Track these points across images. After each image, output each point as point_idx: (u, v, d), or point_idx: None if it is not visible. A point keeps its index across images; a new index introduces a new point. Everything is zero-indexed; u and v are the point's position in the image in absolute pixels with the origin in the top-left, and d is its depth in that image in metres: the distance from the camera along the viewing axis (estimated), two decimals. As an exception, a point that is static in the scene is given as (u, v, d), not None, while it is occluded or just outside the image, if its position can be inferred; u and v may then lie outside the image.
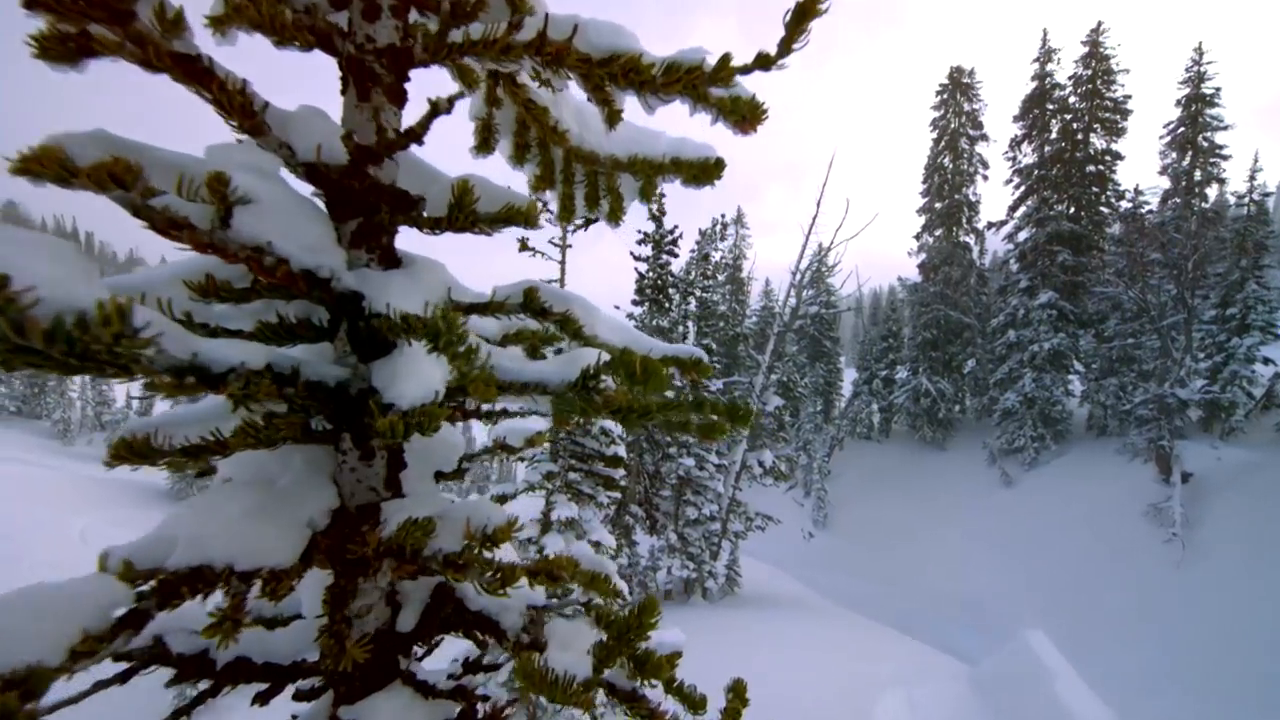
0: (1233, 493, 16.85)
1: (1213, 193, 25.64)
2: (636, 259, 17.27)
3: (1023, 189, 28.18)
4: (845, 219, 20.32)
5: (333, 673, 1.19)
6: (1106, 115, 26.74)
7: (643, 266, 17.29)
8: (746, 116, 1.31)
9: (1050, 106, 27.42)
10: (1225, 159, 24.89)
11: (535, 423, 2.05)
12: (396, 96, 1.19)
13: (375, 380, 1.08)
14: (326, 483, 1.17)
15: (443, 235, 1.15)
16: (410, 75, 1.19)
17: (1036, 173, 27.58)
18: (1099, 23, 26.75)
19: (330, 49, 1.15)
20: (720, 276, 30.43)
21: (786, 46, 1.08)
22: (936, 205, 31.36)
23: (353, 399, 1.12)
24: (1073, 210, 27.17)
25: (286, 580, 0.99)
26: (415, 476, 1.33)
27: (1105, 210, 27.07)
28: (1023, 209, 28.18)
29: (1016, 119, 28.45)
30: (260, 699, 1.24)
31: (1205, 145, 24.89)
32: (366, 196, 1.11)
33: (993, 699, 9.37)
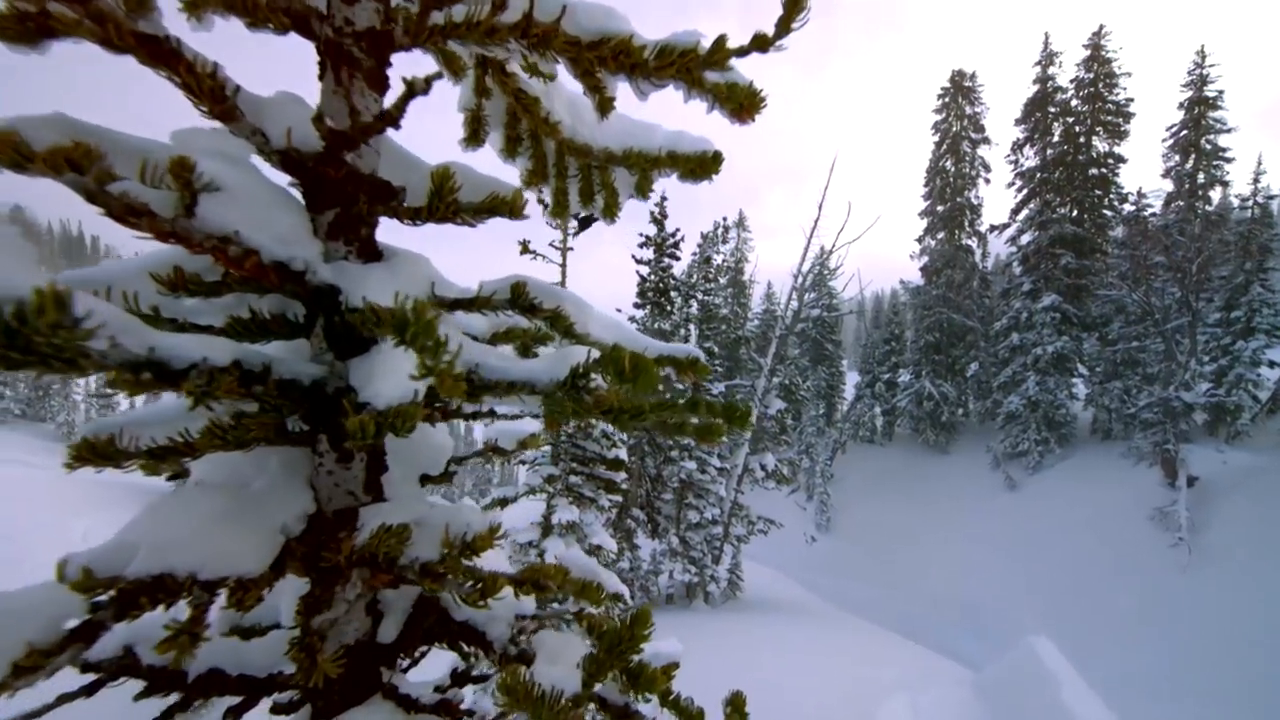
0: (1239, 497, 16.71)
1: (1216, 195, 25.55)
2: (638, 262, 17.23)
3: (1025, 192, 28.10)
4: (847, 222, 20.31)
5: (310, 686, 1.13)
6: (1109, 118, 26.66)
7: (644, 269, 17.25)
8: (744, 104, 1.25)
9: (1052, 110, 27.36)
10: (1229, 162, 24.80)
11: (528, 425, 1.99)
12: (377, 82, 1.13)
13: (353, 379, 1.02)
14: (303, 486, 1.11)
15: (424, 226, 1.10)
16: (391, 60, 1.13)
17: (1039, 176, 27.50)
18: (1100, 26, 26.71)
19: (307, 32, 1.10)
20: (722, 280, 30.39)
21: (785, 26, 1.03)
22: (938, 208, 31.29)
23: (329, 398, 1.07)
24: (1075, 213, 27.08)
25: (255, 589, 0.93)
26: (399, 480, 1.28)
27: (1108, 213, 26.98)
28: (1025, 212, 28.09)
29: (1018, 122, 28.40)
30: (233, 713, 1.18)
31: (1208, 148, 24.80)
32: (343, 186, 1.06)
33: (997, 705, 9.26)
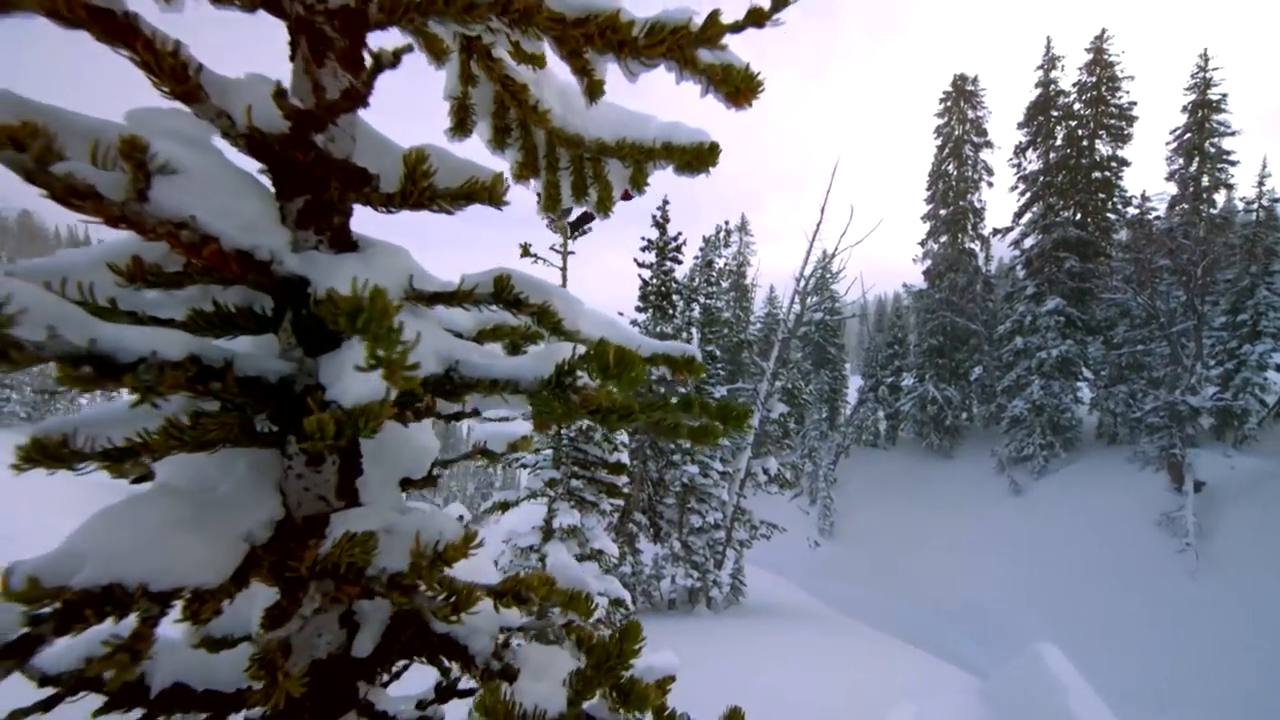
0: (1247, 502, 16.54)
1: (1221, 198, 25.42)
2: (640, 265, 17.20)
3: (1028, 195, 28.02)
4: (849, 225, 20.20)
5: (271, 705, 1.06)
6: (1112, 122, 26.59)
7: (646, 273, 17.21)
8: (740, 88, 1.19)
9: (1055, 113, 27.31)
10: (1233, 164, 24.68)
11: (520, 427, 1.93)
12: (351, 64, 1.07)
13: (322, 375, 0.96)
14: (271, 491, 1.05)
15: (398, 213, 1.04)
16: (366, 40, 1.07)
17: (1042, 179, 27.43)
18: (1103, 30, 26.67)
19: (277, 10, 1.04)
20: (724, 283, 30.32)
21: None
22: (941, 212, 31.21)
23: (298, 397, 1.00)
24: (1079, 216, 26.99)
25: (213, 601, 0.87)
26: (377, 484, 1.21)
27: (1112, 216, 26.88)
28: (1028, 215, 28.01)
29: (1021, 125, 28.34)
30: (198, 732, 1.11)
31: (1212, 151, 24.69)
32: (313, 171, 0.99)
33: (1003, 713, 9.13)
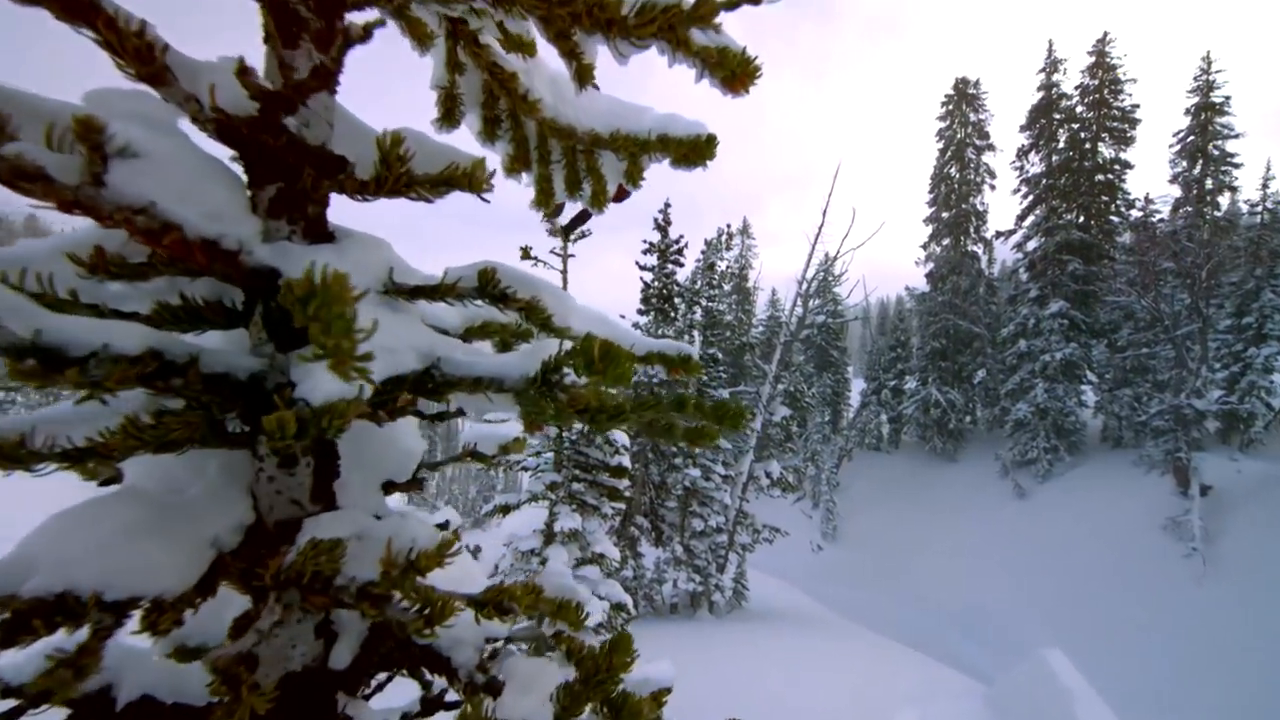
0: (1254, 506, 16.40)
1: (1225, 201, 25.31)
2: (642, 269, 17.18)
3: (1031, 198, 27.94)
4: (851, 229, 20.18)
5: (253, 716, 1.01)
6: (1114, 125, 26.52)
7: (648, 276, 17.19)
8: (736, 72, 1.13)
9: (1057, 116, 27.25)
10: (1237, 167, 24.58)
11: (514, 428, 1.87)
12: (327, 46, 1.02)
13: (293, 372, 0.91)
14: (241, 495, 0.99)
15: (375, 201, 0.99)
16: (344, 20, 1.02)
17: (1044, 182, 27.35)
18: (1105, 33, 26.62)
19: (249, -11, 0.99)
20: (726, 286, 30.26)
21: (779, -25, 0.92)
22: (943, 215, 31.13)
23: (269, 395, 0.95)
24: (1082, 219, 26.90)
25: (173, 611, 0.82)
26: (357, 487, 1.16)
27: (1115, 219, 26.78)
28: (1031, 218, 27.92)
29: (1023, 128, 28.29)
30: (167, 748, 1.05)
31: (1216, 153, 24.60)
32: (285, 156, 0.94)
33: (1009, 719, 9.04)
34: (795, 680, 10.17)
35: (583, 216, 7.32)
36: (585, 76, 1.13)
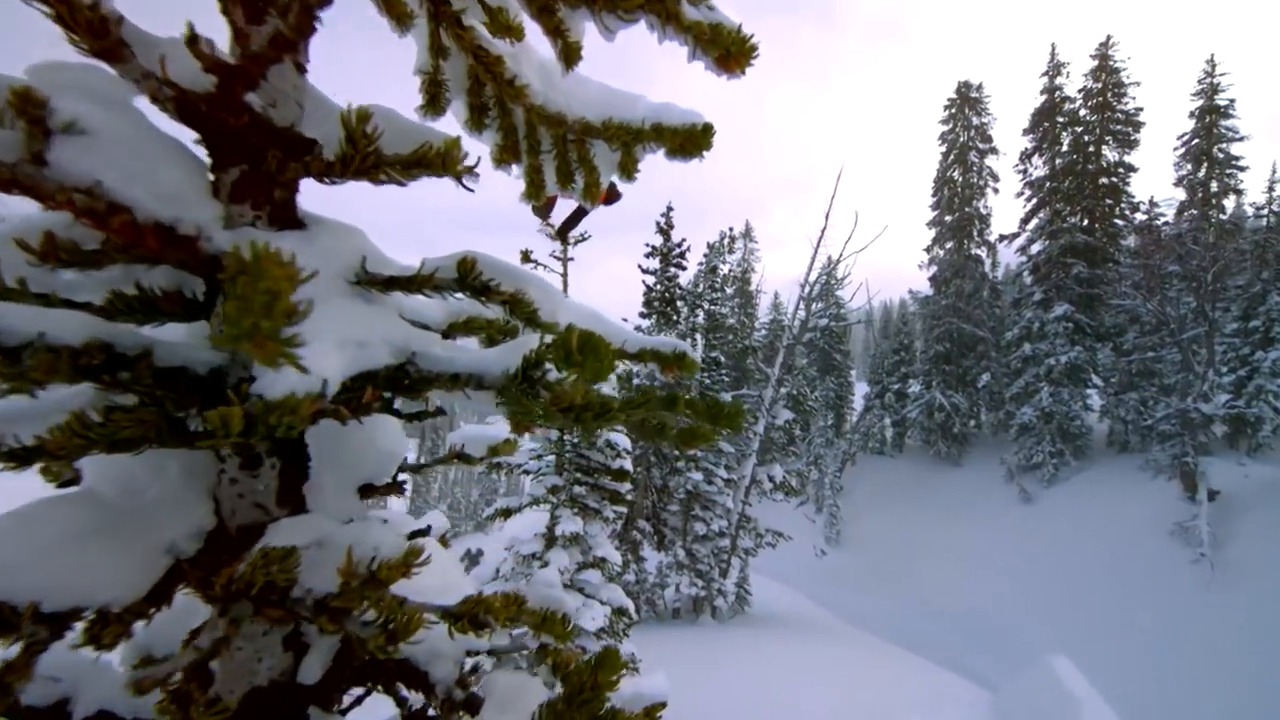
0: (1262, 511, 16.22)
1: (1230, 204, 25.16)
2: (644, 272, 17.15)
3: (1034, 201, 27.84)
4: (854, 232, 20.11)
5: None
6: (1118, 128, 26.42)
7: (650, 279, 17.14)
8: (731, 50, 1.08)
9: (1060, 119, 27.15)
10: (1242, 170, 24.43)
11: (502, 429, 1.81)
12: (284, 11, 0.96)
13: (256, 367, 0.85)
14: (203, 498, 0.93)
15: (343, 184, 0.93)
16: (315, -3, 0.97)
17: (1048, 185, 27.24)
18: (1108, 36, 26.55)
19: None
20: (729, 289, 30.18)
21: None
22: (946, 218, 31.03)
23: (231, 391, 0.89)
24: (1086, 222, 26.77)
25: (118, 624, 0.75)
26: (330, 490, 1.09)
27: (1120, 222, 26.65)
28: (1035, 221, 27.81)
29: (1026, 132, 28.20)
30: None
31: (1221, 156, 24.47)
32: (247, 137, 0.88)
33: (1015, 728, 8.92)
34: (799, 687, 10.06)
35: (578, 215, 7.21)
36: (572, 56, 1.07)
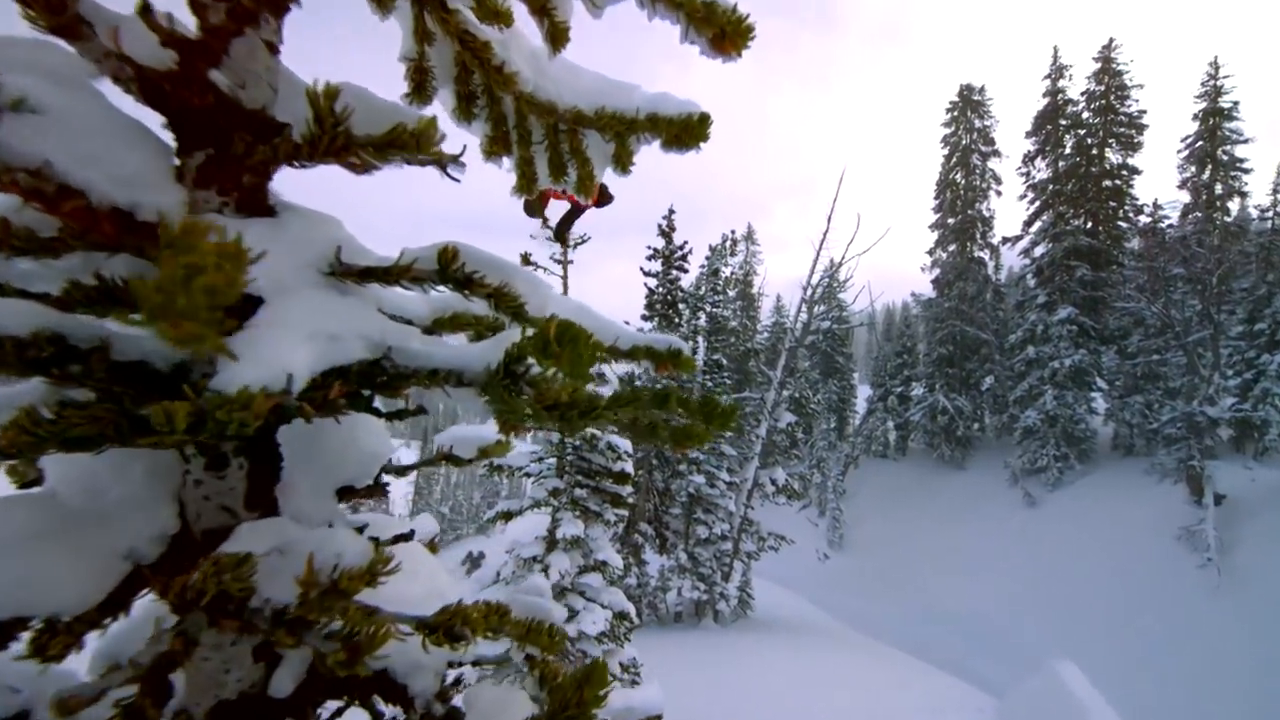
0: (1269, 515, 16.08)
1: (1235, 206, 25.07)
2: (646, 274, 17.12)
3: (1037, 204, 27.78)
4: (856, 234, 20.05)
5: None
6: (1121, 130, 26.36)
7: (652, 282, 17.12)
8: (725, 30, 1.03)
9: (1063, 122, 27.10)
10: (1246, 172, 24.36)
11: (493, 429, 1.76)
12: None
13: (220, 361, 0.80)
14: (167, 500, 0.88)
15: (312, 168, 0.88)
16: (287, -28, 0.92)
17: (1051, 188, 27.18)
18: (1110, 39, 26.51)
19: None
20: (731, 292, 30.13)
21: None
22: (949, 221, 30.97)
23: (194, 387, 0.84)
24: (1090, 225, 26.69)
25: (67, 634, 0.71)
26: (305, 493, 1.04)
27: (1124, 225, 26.56)
28: (1038, 224, 27.73)
29: (1029, 134, 28.15)
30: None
31: (1225, 159, 24.38)
32: (213, 118, 0.84)
33: (1021, 735, 8.83)
34: (801, 692, 9.97)
35: (572, 214, 7.13)
36: (559, 38, 1.02)
